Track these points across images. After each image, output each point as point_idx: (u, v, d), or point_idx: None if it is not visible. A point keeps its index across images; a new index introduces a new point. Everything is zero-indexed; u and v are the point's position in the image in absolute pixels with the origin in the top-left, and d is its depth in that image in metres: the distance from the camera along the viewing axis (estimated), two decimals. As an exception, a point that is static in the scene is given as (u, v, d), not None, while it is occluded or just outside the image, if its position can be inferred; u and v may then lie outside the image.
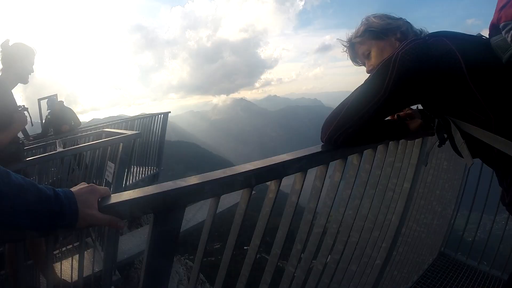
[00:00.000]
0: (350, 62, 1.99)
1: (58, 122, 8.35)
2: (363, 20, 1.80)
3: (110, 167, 4.24)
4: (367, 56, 1.78)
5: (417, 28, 1.75)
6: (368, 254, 2.45)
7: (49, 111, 8.65)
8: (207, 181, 1.22)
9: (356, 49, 1.83)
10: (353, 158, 1.97)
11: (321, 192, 1.81)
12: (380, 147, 2.14)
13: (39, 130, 9.36)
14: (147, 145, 9.39)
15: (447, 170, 3.59)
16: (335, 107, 1.63)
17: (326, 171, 1.78)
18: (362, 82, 1.52)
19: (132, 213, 1.05)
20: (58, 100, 8.67)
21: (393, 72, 1.34)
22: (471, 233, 4.08)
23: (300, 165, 1.60)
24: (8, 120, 3.18)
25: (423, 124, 1.77)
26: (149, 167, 9.42)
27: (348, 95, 1.57)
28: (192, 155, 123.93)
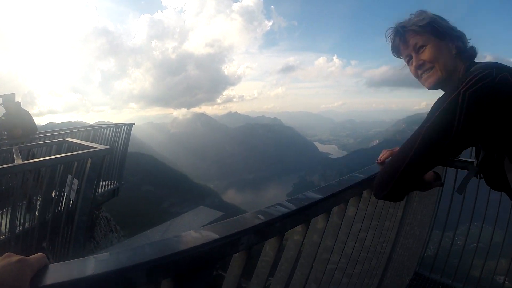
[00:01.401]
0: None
1: (13, 125, 7.81)
2: (423, 13, 1.64)
3: (74, 183, 3.80)
4: (418, 49, 1.63)
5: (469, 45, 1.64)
6: (365, 283, 2.65)
7: (4, 112, 8.06)
8: (242, 230, 1.11)
9: (408, 37, 1.66)
10: (364, 193, 2.14)
11: (340, 229, 1.94)
12: None
13: None
14: (110, 156, 8.99)
15: (426, 194, 3.76)
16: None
17: (346, 208, 1.93)
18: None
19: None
20: (16, 100, 8.10)
21: (460, 117, 1.28)
22: (445, 252, 4.38)
23: (328, 205, 1.65)
24: None
25: (435, 176, 1.84)
26: (110, 181, 8.99)
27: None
28: (149, 168, 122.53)
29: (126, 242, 9.50)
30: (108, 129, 9.29)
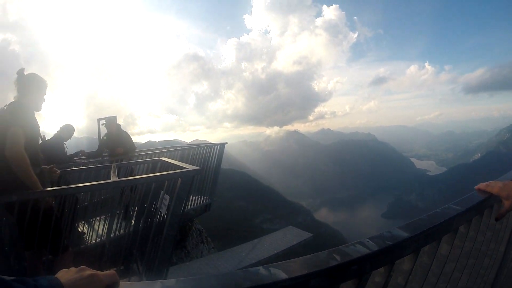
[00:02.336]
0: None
1: (114, 144, 8.49)
2: None
3: (166, 199, 4.11)
4: None
5: None
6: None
7: (106, 132, 8.79)
8: (314, 272, 1.00)
9: None
10: (461, 228, 1.84)
11: (429, 269, 1.63)
12: (486, 211, 2.01)
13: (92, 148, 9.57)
14: (203, 174, 9.32)
15: None
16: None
17: (438, 246, 1.63)
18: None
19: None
20: (117, 122, 8.80)
21: None
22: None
23: (416, 244, 1.39)
24: (34, 144, 3.50)
25: None
26: (202, 197, 9.35)
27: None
28: (242, 184, 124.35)
29: (214, 255, 9.77)
30: (202, 148, 9.64)
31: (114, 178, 4.27)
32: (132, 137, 9.00)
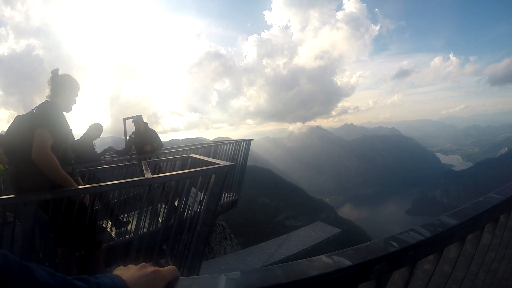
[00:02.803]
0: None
1: (142, 142, 8.57)
2: None
3: (198, 195, 4.09)
4: None
5: None
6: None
7: (133, 130, 8.86)
8: (375, 258, 1.05)
9: None
10: (502, 217, 1.81)
11: (472, 259, 1.67)
12: None
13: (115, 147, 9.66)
14: (231, 170, 9.31)
15: None
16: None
17: (481, 235, 1.65)
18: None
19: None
20: (144, 121, 8.87)
21: None
22: None
23: (463, 232, 1.43)
24: (63, 143, 3.54)
25: None
26: (229, 193, 9.35)
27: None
28: (266, 181, 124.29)
29: (241, 252, 9.78)
30: (228, 145, 9.65)
31: (148, 175, 4.27)
32: (156, 135, 9.08)
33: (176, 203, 4.60)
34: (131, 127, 9.32)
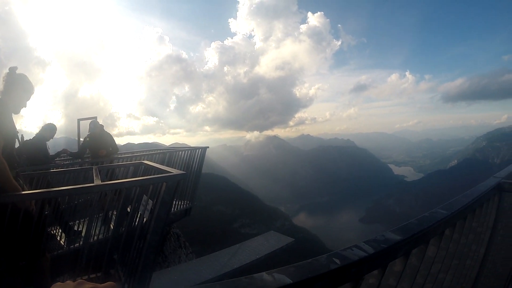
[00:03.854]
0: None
1: (97, 145, 8.40)
2: None
3: (149, 204, 4.03)
4: None
5: None
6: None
7: (89, 133, 8.67)
8: (316, 275, 1.07)
9: None
10: (446, 231, 2.04)
11: (418, 271, 1.78)
12: (469, 215, 2.32)
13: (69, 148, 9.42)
14: (183, 179, 9.23)
15: None
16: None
17: (426, 248, 1.78)
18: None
19: None
20: (100, 123, 8.69)
21: None
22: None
23: (407, 247, 1.54)
24: (9, 146, 3.37)
25: None
26: (183, 201, 9.27)
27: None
28: (222, 189, 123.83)
29: (195, 261, 9.70)
30: (184, 152, 9.58)
31: (97, 182, 4.16)
32: (112, 139, 8.92)
33: (128, 210, 4.52)
34: (85, 129, 9.12)
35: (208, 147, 10.02)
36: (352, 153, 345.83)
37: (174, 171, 4.08)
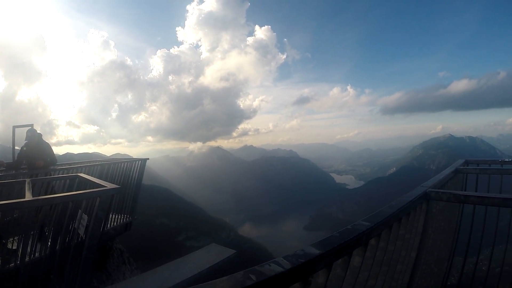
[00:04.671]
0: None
1: (34, 156, 8.00)
2: None
3: (84, 219, 3.85)
4: None
5: None
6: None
7: (26, 141, 8.24)
8: None
9: None
10: (371, 241, 2.10)
11: (344, 280, 1.82)
12: (394, 224, 2.45)
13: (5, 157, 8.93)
14: (123, 191, 9.02)
15: (443, 230, 4.04)
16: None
17: (350, 259, 1.83)
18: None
19: None
20: (37, 132, 8.29)
21: None
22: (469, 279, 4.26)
23: (328, 259, 1.59)
24: None
25: None
26: (122, 215, 9.02)
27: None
28: (165, 201, 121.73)
29: (136, 278, 9.44)
30: (123, 163, 9.35)
31: (28, 196, 3.94)
32: (50, 148, 8.53)
33: (63, 227, 4.30)
34: (21, 137, 8.67)
35: (148, 158, 9.88)
36: (295, 164, 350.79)
37: (108, 185, 3.94)
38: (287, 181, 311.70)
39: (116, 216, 8.81)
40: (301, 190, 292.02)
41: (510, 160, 5.98)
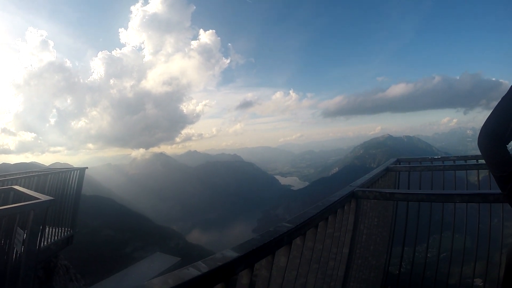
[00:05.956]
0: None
1: None
2: None
3: (19, 234, 3.57)
4: None
5: None
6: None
7: None
8: None
9: None
10: (296, 240, 2.24)
11: (269, 281, 1.88)
12: (321, 223, 2.61)
13: None
14: (61, 203, 8.64)
15: (377, 225, 4.26)
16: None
17: (273, 260, 1.90)
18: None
19: None
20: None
21: None
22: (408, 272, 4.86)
23: (249, 261, 1.64)
24: None
25: None
26: (63, 228, 8.61)
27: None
28: (109, 211, 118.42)
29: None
30: (61, 173, 8.94)
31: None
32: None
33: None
34: None
35: (87, 167, 9.51)
36: (239, 168, 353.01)
37: (43, 197, 3.69)
38: (232, 185, 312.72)
39: (56, 229, 8.40)
40: (247, 193, 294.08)
41: (438, 157, 6.74)
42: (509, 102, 1.76)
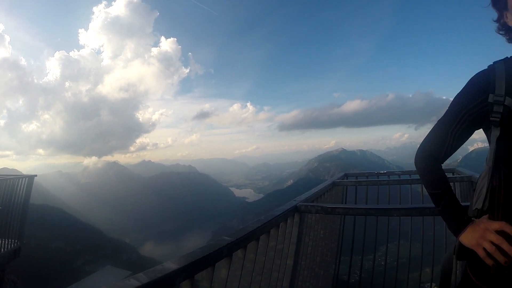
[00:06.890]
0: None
1: None
2: None
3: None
4: None
5: None
6: None
7: None
8: None
9: None
10: (237, 253, 2.31)
11: None
12: (262, 236, 2.69)
13: None
14: (8, 212, 8.05)
15: (324, 237, 4.52)
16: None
17: (214, 272, 1.95)
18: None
19: None
20: None
21: None
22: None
23: (188, 273, 1.69)
24: None
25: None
26: (9, 240, 7.99)
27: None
28: (59, 222, 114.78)
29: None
30: (7, 181, 8.31)
31: None
32: None
33: None
34: None
35: (36, 175, 9.00)
36: (194, 179, 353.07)
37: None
38: (187, 197, 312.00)
39: (2, 241, 7.82)
40: (202, 205, 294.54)
41: (384, 172, 7.30)
42: (443, 124, 1.83)
